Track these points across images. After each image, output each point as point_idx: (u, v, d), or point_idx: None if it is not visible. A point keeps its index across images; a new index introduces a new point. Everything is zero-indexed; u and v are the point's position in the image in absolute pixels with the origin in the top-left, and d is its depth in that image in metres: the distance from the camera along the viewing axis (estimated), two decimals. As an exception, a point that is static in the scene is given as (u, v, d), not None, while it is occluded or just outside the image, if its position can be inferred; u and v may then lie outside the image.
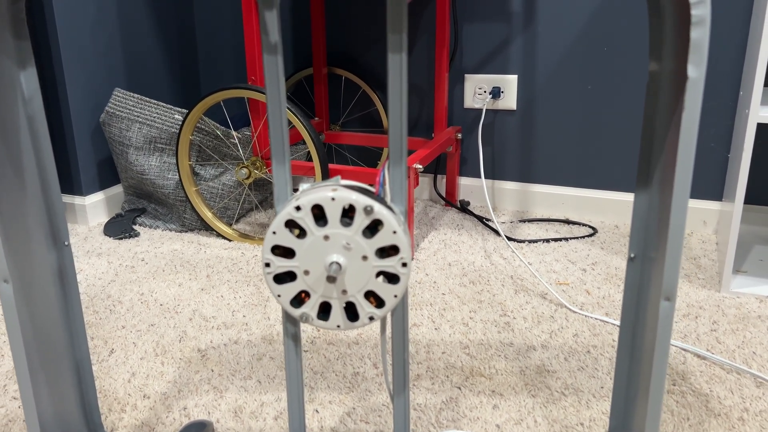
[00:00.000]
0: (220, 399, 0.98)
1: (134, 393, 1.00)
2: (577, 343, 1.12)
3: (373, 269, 0.63)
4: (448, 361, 1.07)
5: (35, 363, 0.67)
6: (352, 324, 0.65)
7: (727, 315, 1.21)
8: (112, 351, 1.12)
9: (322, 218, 0.63)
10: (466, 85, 1.81)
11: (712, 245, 1.55)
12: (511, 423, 0.92)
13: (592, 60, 1.67)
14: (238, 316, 1.23)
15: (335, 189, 0.62)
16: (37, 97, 0.67)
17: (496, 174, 1.86)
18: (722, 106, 1.58)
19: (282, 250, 0.65)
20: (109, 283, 1.38)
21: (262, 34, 0.61)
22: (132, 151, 1.65)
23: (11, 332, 0.63)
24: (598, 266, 1.44)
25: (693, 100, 0.51)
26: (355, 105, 1.98)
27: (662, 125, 0.62)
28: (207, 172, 1.65)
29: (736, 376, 1.02)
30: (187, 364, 1.07)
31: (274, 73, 0.62)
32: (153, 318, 1.23)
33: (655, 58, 0.62)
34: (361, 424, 0.92)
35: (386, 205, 0.63)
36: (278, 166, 0.67)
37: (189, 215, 1.66)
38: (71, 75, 1.65)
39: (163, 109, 1.64)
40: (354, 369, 1.05)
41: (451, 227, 1.70)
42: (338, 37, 1.93)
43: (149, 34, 1.90)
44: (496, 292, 1.32)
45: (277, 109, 0.63)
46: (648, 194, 0.66)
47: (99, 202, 1.77)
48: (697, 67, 0.50)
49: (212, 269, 1.45)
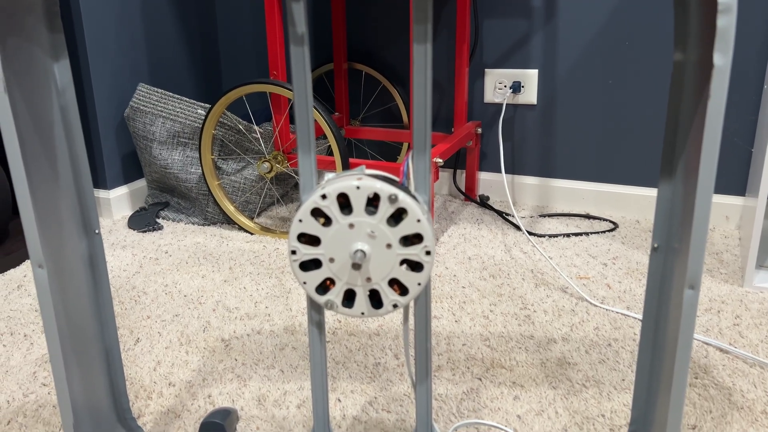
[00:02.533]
0: (243, 387, 0.99)
1: (160, 381, 1.02)
2: (598, 336, 1.12)
3: (397, 257, 0.64)
4: (469, 353, 1.08)
5: (68, 349, 0.69)
6: (376, 311, 0.66)
7: (750, 309, 1.20)
8: (137, 340, 1.14)
9: (348, 207, 0.64)
10: (486, 79, 1.81)
11: (734, 240, 1.54)
12: (532, 414, 0.92)
13: (613, 54, 1.67)
14: (261, 308, 1.25)
15: (360, 178, 0.63)
16: (70, 89, 0.68)
17: (516, 169, 1.85)
18: (746, 100, 1.57)
19: (308, 238, 0.66)
20: (134, 274, 1.41)
21: (289, 25, 0.62)
22: (156, 145, 1.67)
23: (46, 316, 0.64)
24: (619, 261, 1.44)
25: (719, 89, 0.51)
26: (375, 100, 1.99)
27: (687, 115, 0.62)
28: (229, 167, 1.67)
29: (759, 369, 1.01)
30: (211, 354, 1.09)
31: (301, 64, 0.63)
32: (177, 308, 1.25)
33: (680, 47, 0.62)
34: (382, 413, 0.93)
35: (410, 194, 0.64)
36: (304, 156, 0.68)
37: (211, 209, 1.68)
38: (96, 71, 1.68)
39: (186, 104, 1.66)
40: (375, 359, 1.06)
41: (470, 222, 1.70)
42: (359, 32, 1.94)
43: (172, 30, 1.93)
44: (516, 286, 1.32)
45: (303, 99, 0.64)
46: (672, 185, 0.67)
47: (123, 196, 1.80)
48: (724, 55, 0.50)
49: (235, 262, 1.46)
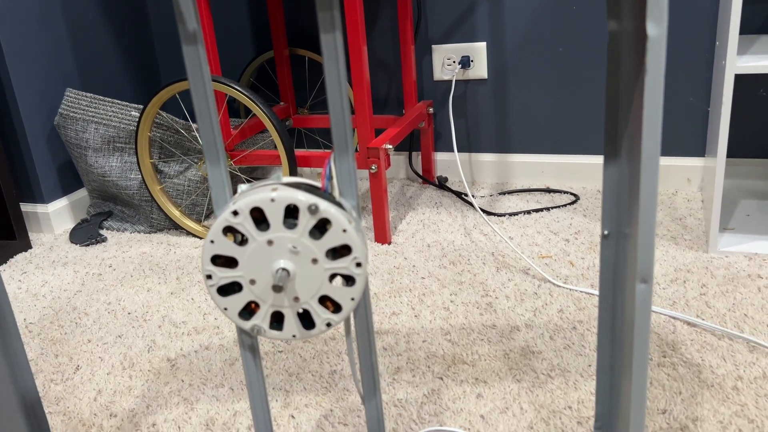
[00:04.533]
0: (191, 411, 0.93)
1: (100, 412, 0.94)
2: (563, 319, 1.08)
3: (325, 272, 0.58)
4: (429, 350, 1.02)
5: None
6: (309, 332, 0.60)
7: (716, 277, 1.17)
8: (77, 368, 1.06)
9: (264, 222, 0.57)
10: (434, 56, 1.74)
11: (697, 203, 1.51)
12: (497, 412, 0.87)
13: (562, 20, 1.61)
14: (210, 319, 1.18)
15: (275, 188, 0.57)
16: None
17: (472, 147, 1.80)
18: (699, 57, 1.52)
19: (224, 260, 0.59)
20: (75, 294, 1.33)
21: (179, 23, 0.54)
22: (90, 153, 1.58)
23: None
24: (581, 235, 1.39)
25: (656, 61, 0.45)
26: (322, 86, 1.91)
27: (626, 90, 0.57)
28: (171, 169, 1.59)
29: (728, 342, 0.97)
30: (156, 376, 1.02)
31: (197, 66, 0.55)
32: (120, 328, 1.17)
33: (613, 16, 0.56)
34: (339, 426, 0.87)
35: (334, 202, 0.57)
36: (213, 168, 0.61)
37: (156, 215, 1.60)
38: (18, 78, 1.57)
39: (119, 106, 1.57)
40: (331, 367, 1.00)
41: (429, 206, 1.64)
42: (297, 16, 1.85)
43: (101, 28, 1.81)
44: (477, 272, 1.27)
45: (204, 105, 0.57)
46: (617, 165, 0.61)
47: (63, 209, 1.70)
48: (658, 24, 0.44)
49: (182, 270, 1.39)
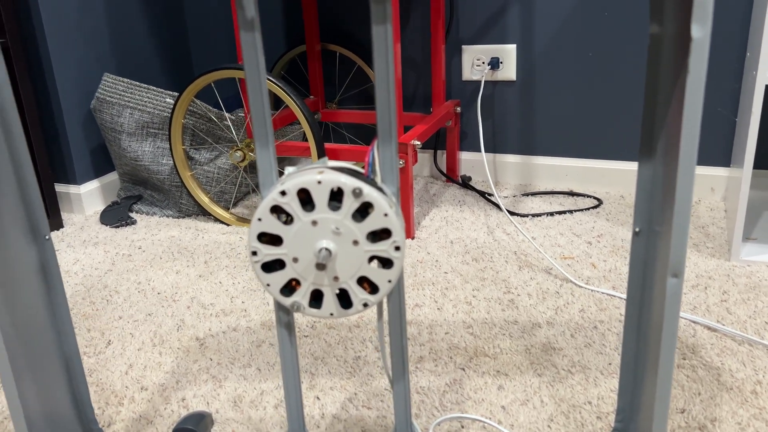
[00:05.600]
0: (219, 388, 0.96)
1: (131, 385, 0.98)
2: (584, 318, 1.09)
3: (365, 254, 0.60)
4: (452, 342, 1.05)
5: (20, 362, 0.65)
6: (346, 311, 0.63)
7: (738, 284, 1.18)
8: (109, 342, 1.10)
9: (310, 203, 0.60)
10: (464, 56, 1.76)
11: (720, 213, 1.51)
12: (517, 404, 0.89)
13: (593, 26, 1.62)
14: (237, 303, 1.21)
15: (322, 171, 0.59)
16: (7, 87, 0.63)
17: (497, 147, 1.81)
18: (729, 68, 1.53)
19: (269, 238, 0.62)
20: (106, 272, 1.36)
21: (238, 9, 0.57)
22: (125, 137, 1.62)
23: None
24: (603, 238, 1.41)
25: (698, 63, 0.47)
26: (351, 81, 1.94)
27: (665, 91, 0.59)
28: (202, 156, 1.62)
29: (748, 347, 0.99)
30: (185, 354, 1.05)
31: (253, 51, 0.58)
32: (150, 307, 1.21)
33: (656, 19, 0.58)
34: (363, 409, 0.90)
35: (376, 187, 0.60)
36: (262, 150, 0.64)
37: (185, 201, 1.64)
38: (59, 62, 1.61)
39: (154, 93, 1.60)
40: (355, 353, 1.03)
41: (452, 204, 1.66)
42: (331, 12, 1.88)
43: (138, 16, 1.85)
44: (499, 269, 1.29)
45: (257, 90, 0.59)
46: (652, 165, 0.63)
47: (94, 191, 1.74)
48: (702, 27, 0.46)
49: (210, 255, 1.42)
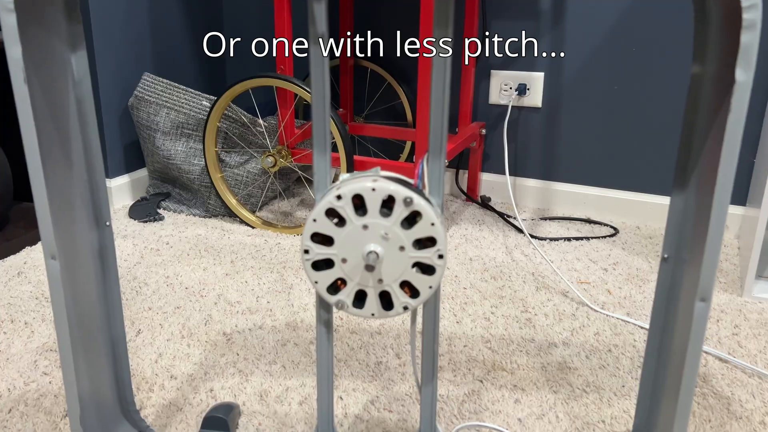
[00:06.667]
0: (245, 382, 1.00)
1: (161, 373, 1.02)
2: (599, 341, 1.13)
3: (409, 260, 0.64)
4: (470, 355, 1.08)
5: (76, 341, 0.69)
6: (387, 313, 0.67)
7: (749, 320, 1.21)
8: (139, 331, 1.14)
9: (362, 208, 0.64)
10: (492, 80, 1.81)
11: (733, 249, 1.55)
12: (533, 417, 0.93)
13: (620, 60, 1.67)
14: (263, 302, 1.25)
15: (375, 180, 0.63)
16: (87, 80, 0.68)
17: (518, 171, 1.86)
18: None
19: (321, 238, 0.66)
20: (135, 264, 1.41)
21: (310, 25, 0.62)
22: (159, 135, 1.67)
23: (57, 308, 0.64)
24: (619, 266, 1.44)
25: (740, 104, 0.52)
26: (380, 97, 1.99)
27: (703, 128, 0.63)
28: (232, 159, 1.67)
29: (757, 380, 1.02)
30: (212, 347, 1.09)
31: (320, 64, 0.63)
32: (179, 301, 1.25)
33: (698, 60, 0.62)
34: (384, 412, 0.93)
35: (425, 198, 0.64)
36: (320, 156, 0.68)
37: (213, 201, 1.68)
38: (102, 59, 1.67)
39: (192, 95, 1.66)
40: (377, 358, 1.07)
41: (471, 222, 1.70)
42: (365, 29, 1.93)
43: (178, 21, 1.92)
44: (517, 288, 1.32)
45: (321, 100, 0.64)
46: (685, 196, 0.67)
47: (124, 185, 1.79)
48: (746, 71, 0.51)
49: (236, 255, 1.46)
